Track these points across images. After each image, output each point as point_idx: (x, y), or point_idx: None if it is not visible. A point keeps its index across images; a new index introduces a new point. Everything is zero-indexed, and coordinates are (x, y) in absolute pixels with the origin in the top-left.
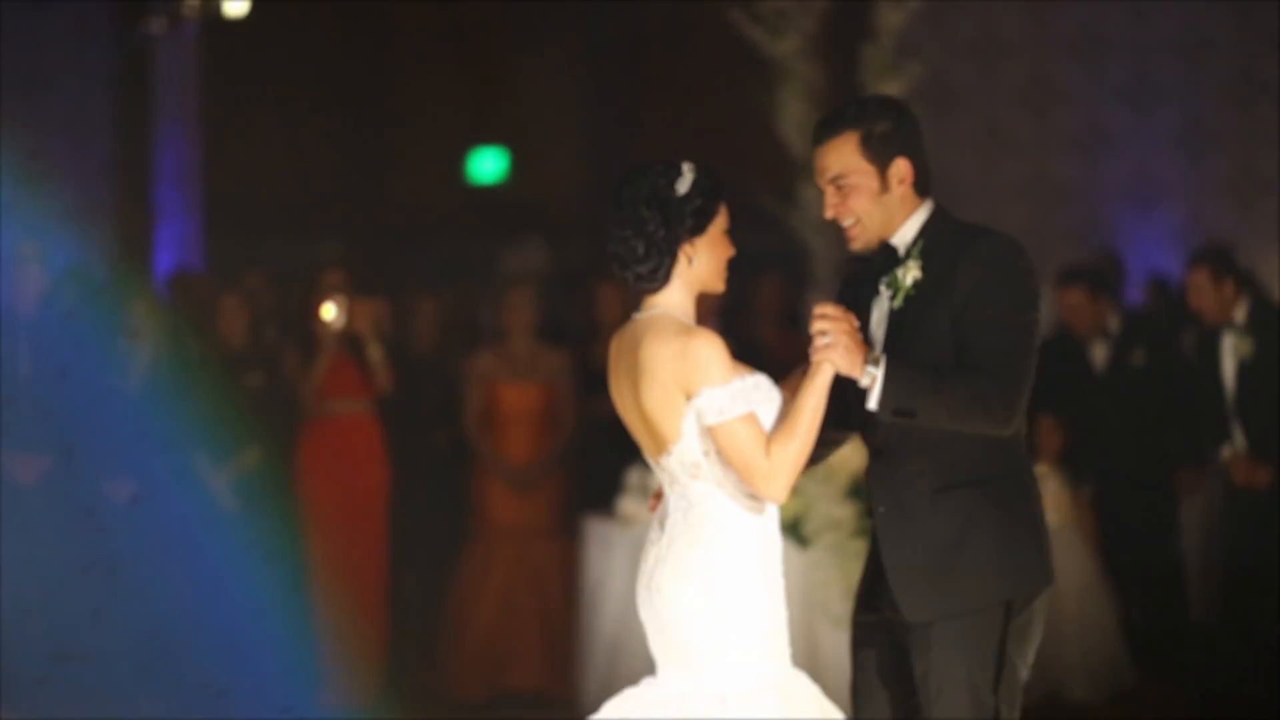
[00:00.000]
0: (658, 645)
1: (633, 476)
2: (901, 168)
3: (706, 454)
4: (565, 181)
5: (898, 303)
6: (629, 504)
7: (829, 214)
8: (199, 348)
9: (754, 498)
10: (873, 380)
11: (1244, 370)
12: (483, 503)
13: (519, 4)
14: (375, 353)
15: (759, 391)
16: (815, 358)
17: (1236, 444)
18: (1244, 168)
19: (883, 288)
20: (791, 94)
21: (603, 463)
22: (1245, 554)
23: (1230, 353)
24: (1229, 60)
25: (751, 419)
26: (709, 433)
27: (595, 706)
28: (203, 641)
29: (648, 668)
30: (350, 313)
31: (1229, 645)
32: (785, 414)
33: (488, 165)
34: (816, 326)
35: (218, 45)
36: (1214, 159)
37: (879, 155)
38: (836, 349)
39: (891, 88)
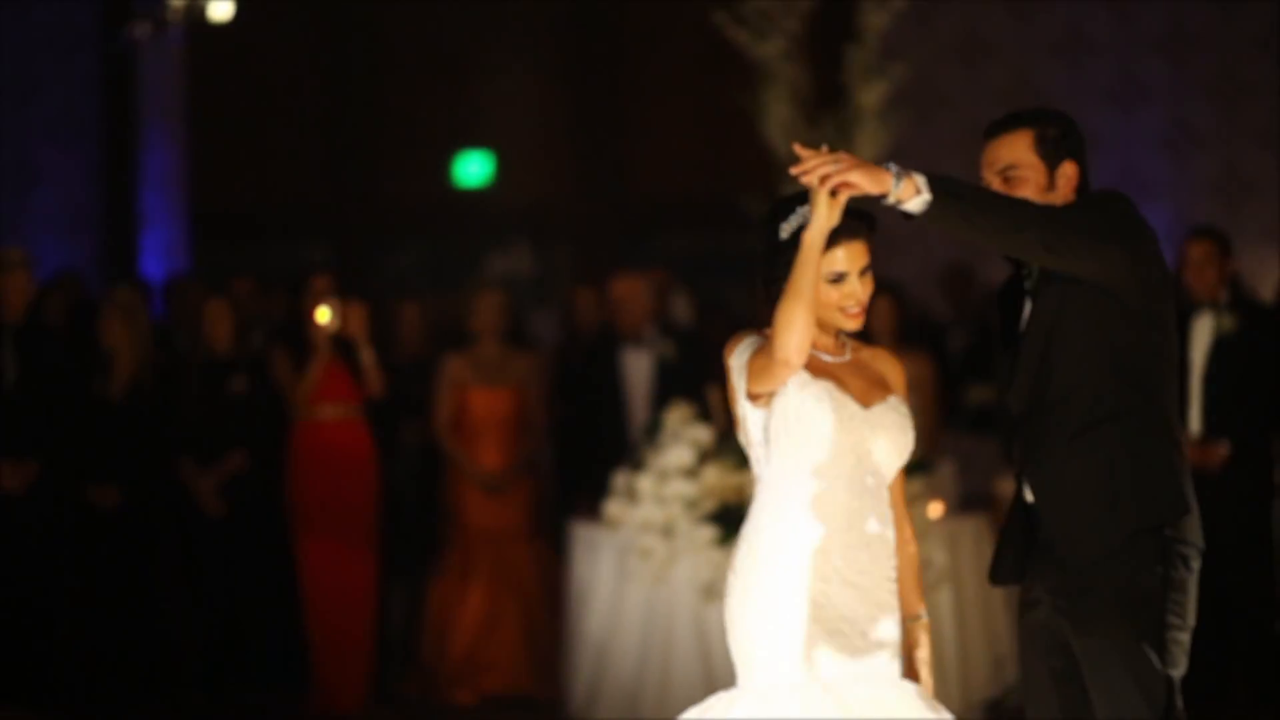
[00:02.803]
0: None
1: (619, 480)
2: (1069, 170)
3: (760, 439)
4: (550, 185)
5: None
6: (615, 507)
7: None
8: (186, 352)
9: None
10: (902, 179)
11: (1221, 347)
12: (457, 507)
13: (504, 6)
14: (367, 356)
15: None
16: (830, 186)
17: (1191, 426)
18: (1230, 168)
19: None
20: (775, 95)
21: (584, 466)
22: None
23: (1207, 332)
24: (1214, 60)
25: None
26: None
27: (582, 710)
28: (189, 646)
29: (635, 670)
30: (342, 316)
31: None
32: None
33: (473, 169)
34: (807, 166)
35: (202, 49)
36: (1200, 159)
37: (1050, 155)
38: (849, 170)
39: (876, 89)
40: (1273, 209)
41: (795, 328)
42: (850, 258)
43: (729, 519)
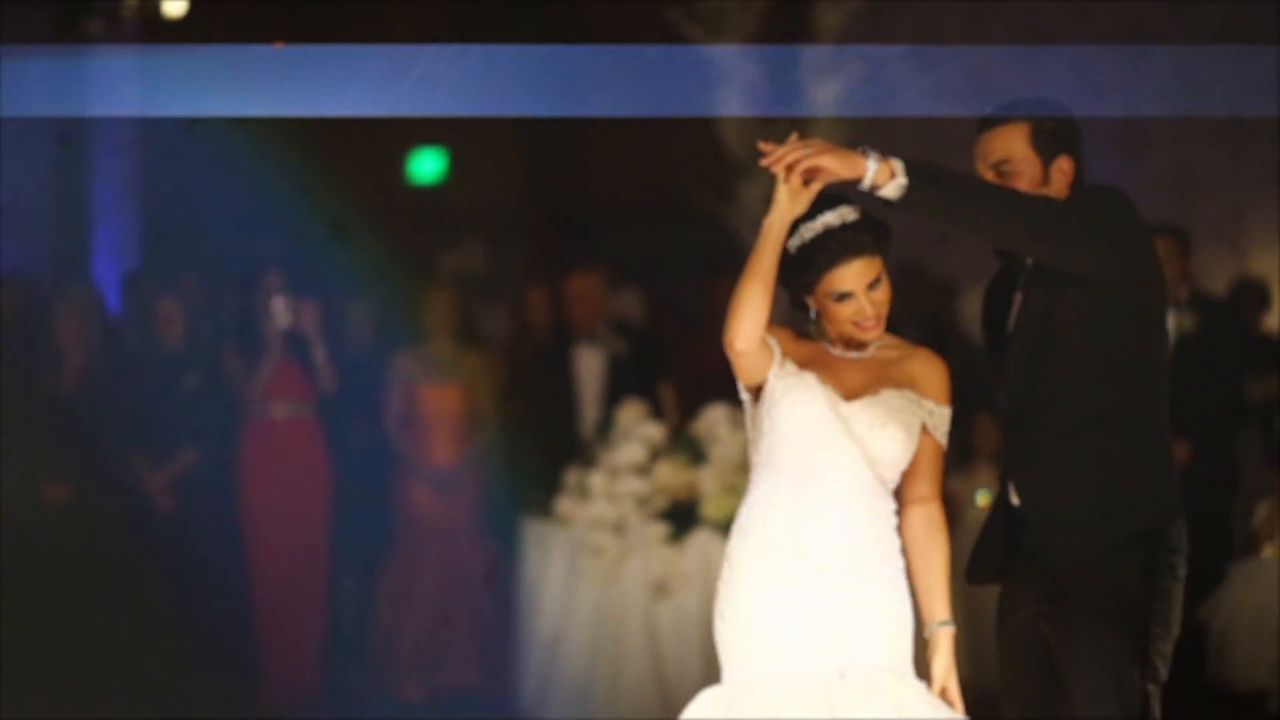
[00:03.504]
0: None
1: (570, 476)
2: (1065, 165)
3: (752, 433)
4: (503, 184)
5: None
6: (566, 504)
7: None
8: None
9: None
10: (878, 163)
11: (1181, 347)
12: (406, 504)
13: (456, 5)
14: (319, 354)
15: None
16: (796, 174)
17: None
18: (1183, 166)
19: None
20: (730, 94)
21: (535, 463)
22: None
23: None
24: (1168, 59)
25: None
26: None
27: (533, 707)
28: (140, 643)
29: (586, 667)
30: (295, 313)
31: None
32: None
33: (426, 166)
34: (774, 155)
35: (157, 43)
36: (1153, 157)
37: (1046, 149)
38: (820, 154)
39: (831, 88)
40: (1224, 207)
41: (741, 313)
42: (854, 276)
43: (680, 516)
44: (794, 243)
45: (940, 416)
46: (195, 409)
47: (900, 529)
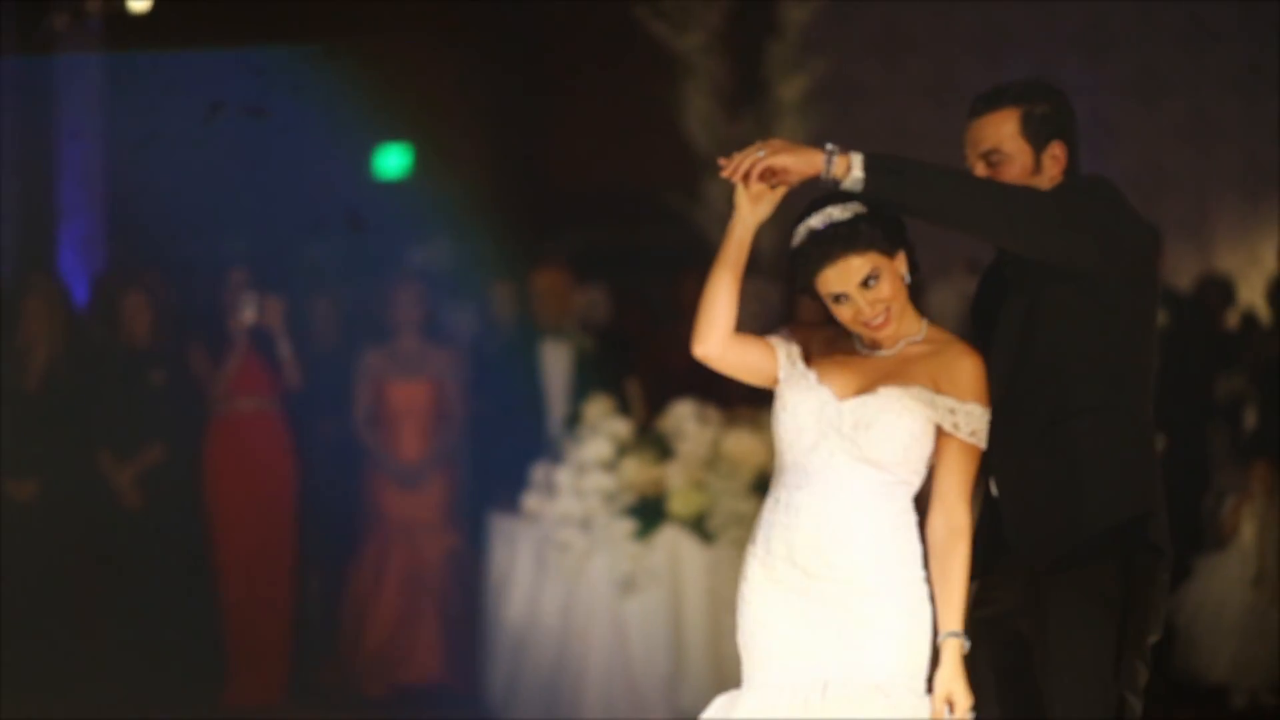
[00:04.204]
0: None
1: (538, 472)
2: (1057, 151)
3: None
4: (469, 179)
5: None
6: (533, 500)
7: None
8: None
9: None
10: (834, 159)
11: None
12: (374, 499)
13: (431, 3)
14: (285, 349)
15: None
16: (754, 179)
17: None
18: (1149, 163)
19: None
20: (695, 89)
21: (502, 459)
22: None
23: None
24: (1132, 56)
25: None
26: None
27: (500, 703)
28: (106, 639)
29: (553, 664)
30: (260, 309)
31: None
32: None
33: (392, 161)
34: (731, 164)
35: (121, 40)
36: (1120, 154)
37: (1037, 136)
38: (776, 154)
39: (796, 83)
40: (1190, 203)
41: (698, 320)
42: (841, 277)
43: (647, 512)
44: (797, 238)
45: (965, 414)
46: (162, 405)
47: (924, 533)
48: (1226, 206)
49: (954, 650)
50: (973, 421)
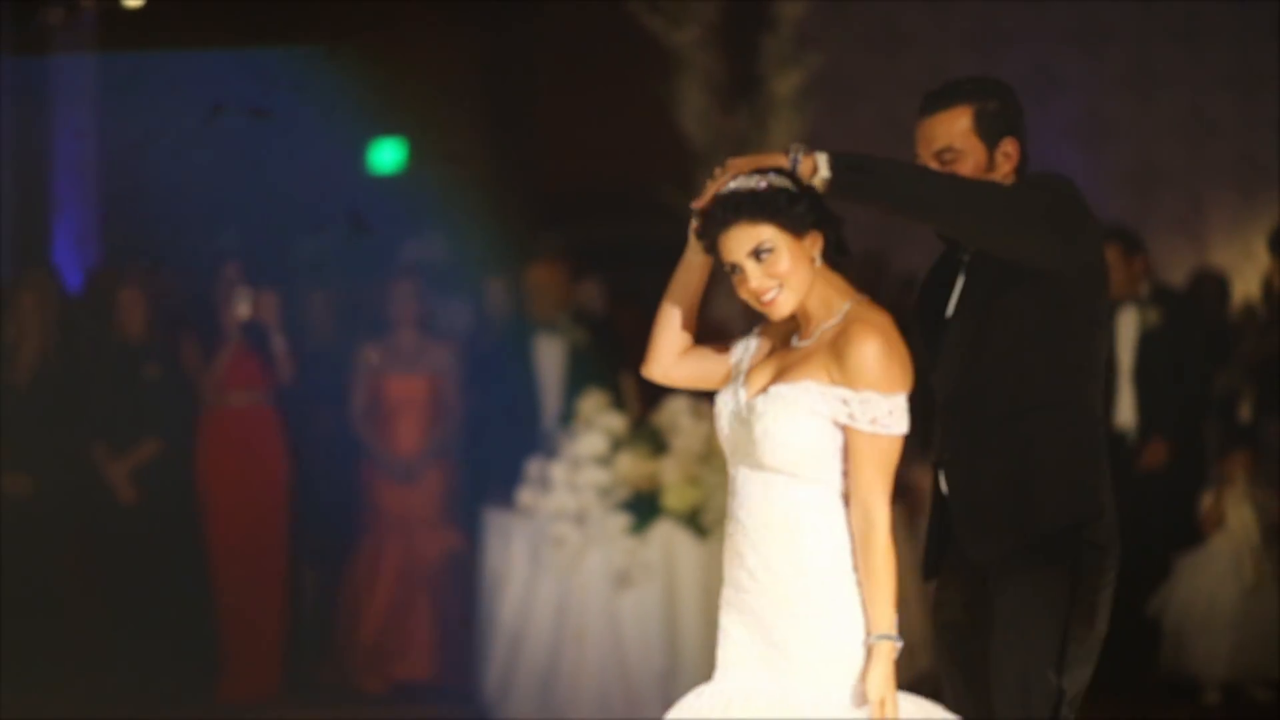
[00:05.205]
0: None
1: (532, 467)
2: (1009, 147)
3: None
4: (464, 174)
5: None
6: (528, 495)
7: None
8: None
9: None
10: (798, 159)
11: (1147, 342)
12: (369, 494)
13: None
14: (278, 344)
15: None
16: (726, 174)
17: (1124, 423)
18: (1143, 159)
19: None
20: (690, 84)
21: (497, 454)
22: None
23: (1132, 327)
24: (1129, 52)
25: None
26: None
27: (495, 699)
28: (100, 634)
29: (548, 658)
30: (254, 303)
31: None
32: None
33: (387, 156)
34: (701, 200)
35: (116, 34)
36: (1114, 149)
37: (989, 133)
38: (736, 164)
39: (791, 78)
40: (1183, 199)
41: (649, 341)
42: (733, 244)
43: (642, 507)
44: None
45: (860, 403)
46: (156, 399)
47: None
48: (1221, 202)
49: (884, 653)
50: (870, 409)
